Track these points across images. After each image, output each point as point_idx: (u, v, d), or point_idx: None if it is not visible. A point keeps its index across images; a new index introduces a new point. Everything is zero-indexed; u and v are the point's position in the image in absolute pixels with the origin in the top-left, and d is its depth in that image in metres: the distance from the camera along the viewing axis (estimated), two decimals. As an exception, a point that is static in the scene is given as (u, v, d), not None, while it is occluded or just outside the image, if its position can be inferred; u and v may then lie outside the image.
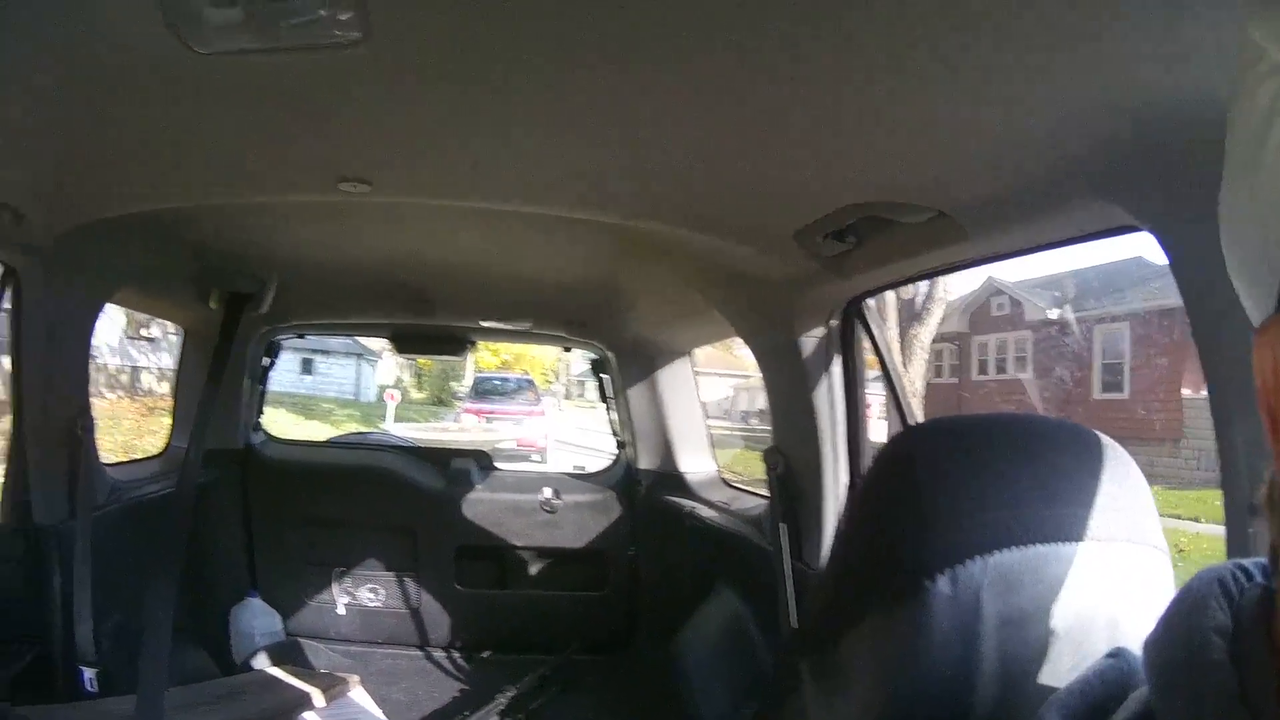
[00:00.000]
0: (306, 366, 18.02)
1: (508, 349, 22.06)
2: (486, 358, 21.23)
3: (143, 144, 1.47)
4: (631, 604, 3.44)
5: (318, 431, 15.33)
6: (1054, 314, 11.59)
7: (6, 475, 2.11)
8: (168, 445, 3.17)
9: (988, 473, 0.66)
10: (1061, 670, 0.62)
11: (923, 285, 8.59)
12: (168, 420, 3.21)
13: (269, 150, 1.50)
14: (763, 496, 2.41)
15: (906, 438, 0.80)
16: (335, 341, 17.41)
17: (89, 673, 2.06)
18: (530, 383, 17.87)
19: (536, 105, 1.21)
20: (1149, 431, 9.24)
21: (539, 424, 15.49)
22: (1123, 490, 0.65)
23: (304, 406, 16.46)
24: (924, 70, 0.95)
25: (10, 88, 1.20)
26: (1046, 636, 0.62)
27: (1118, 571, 0.64)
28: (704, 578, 2.75)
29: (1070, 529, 0.63)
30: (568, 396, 25.18)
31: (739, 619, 2.45)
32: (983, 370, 12.52)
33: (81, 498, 2.15)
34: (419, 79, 1.15)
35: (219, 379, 2.46)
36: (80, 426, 2.18)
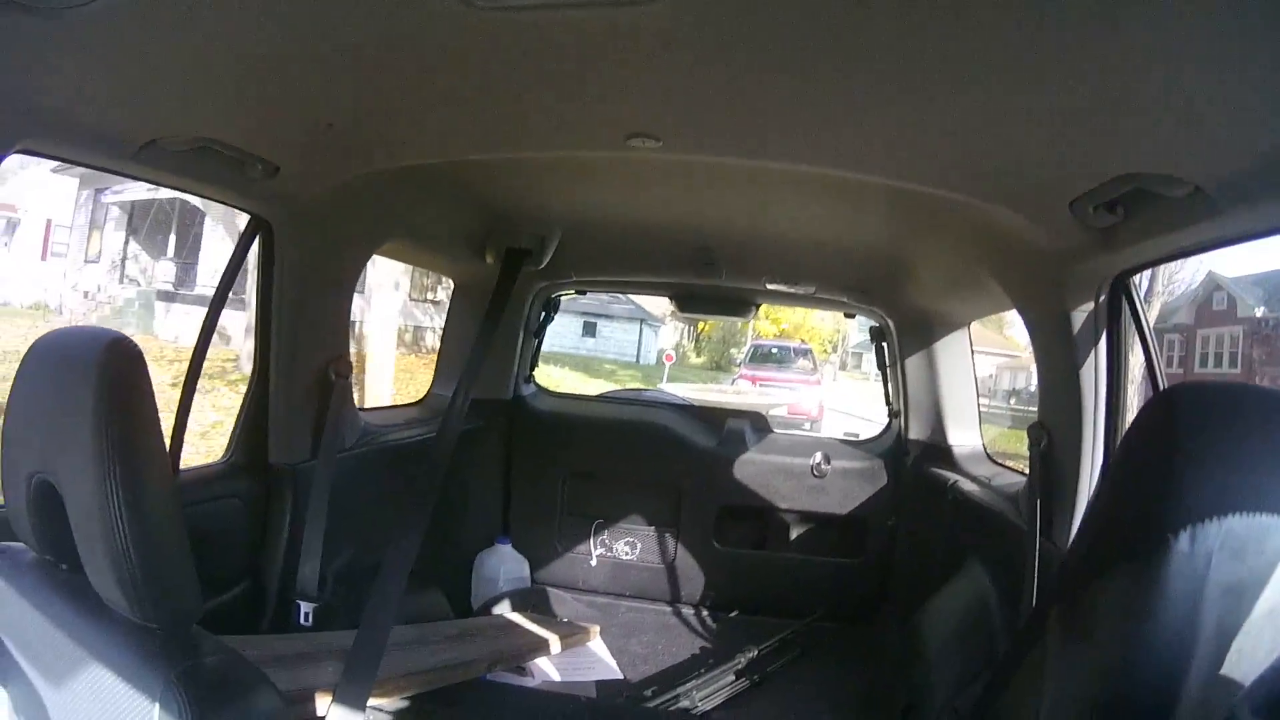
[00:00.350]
0: (589, 329, 18.80)
1: (788, 317, 22.09)
2: (765, 326, 21.39)
3: (422, 100, 1.48)
4: (884, 574, 3.31)
5: (598, 389, 16.34)
6: (1260, 311, 12.75)
7: (248, 416, 2.15)
8: (429, 393, 3.28)
9: (1233, 438, 0.70)
10: (1261, 650, 0.67)
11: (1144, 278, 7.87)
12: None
13: (556, 106, 1.49)
14: (1024, 474, 2.26)
15: (1164, 400, 0.81)
16: (618, 306, 18.39)
17: (306, 607, 2.11)
18: (808, 351, 17.69)
19: (829, 67, 1.20)
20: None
21: (814, 393, 15.19)
22: None
23: (586, 366, 17.51)
24: (1186, 51, 0.96)
25: (272, 49, 1.23)
26: (1257, 611, 0.66)
27: None
28: (957, 552, 2.59)
29: None
30: (843, 368, 24.91)
31: (983, 596, 2.30)
32: (1203, 363, 13.71)
33: (327, 440, 2.20)
34: (713, 38, 1.14)
35: (492, 333, 2.47)
36: (335, 371, 2.24)
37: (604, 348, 19.12)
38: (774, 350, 17.49)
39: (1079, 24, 0.97)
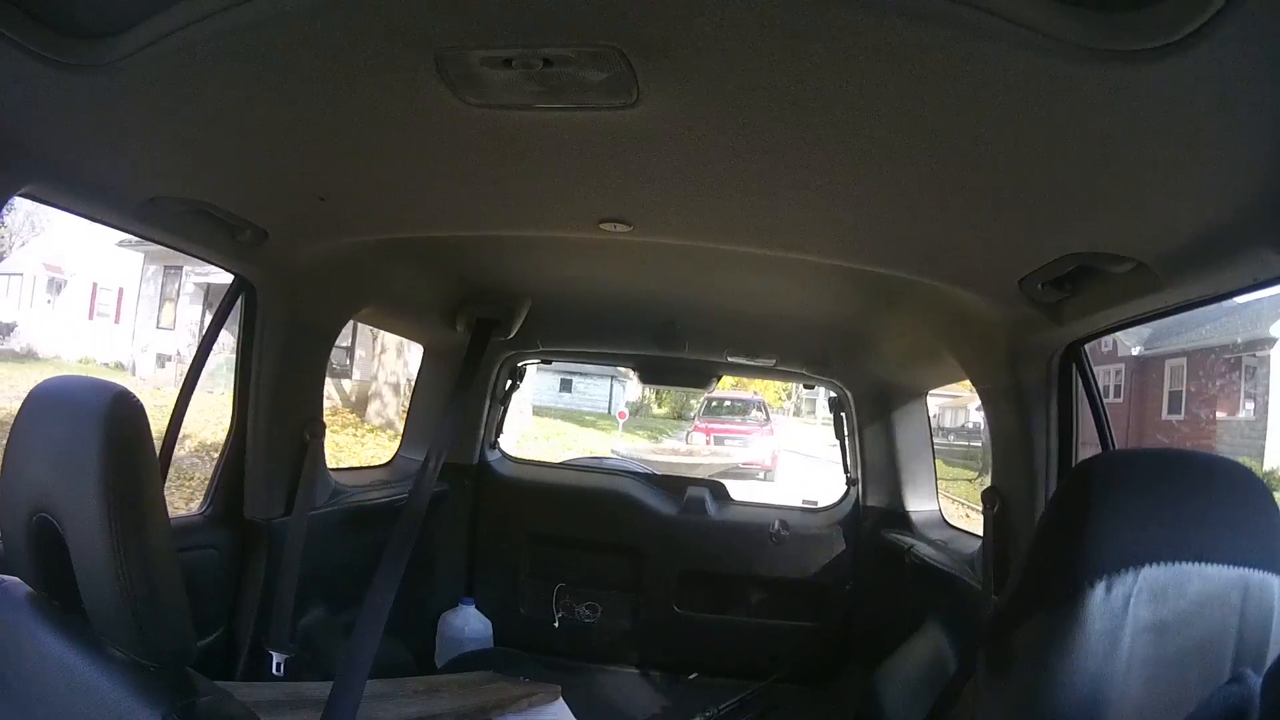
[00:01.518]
0: (566, 385, 20.24)
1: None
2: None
3: (408, 180, 1.51)
4: (843, 637, 3.27)
5: (584, 434, 17.80)
6: (1136, 350, 13.98)
7: (225, 469, 2.14)
8: (396, 455, 3.23)
9: (1149, 497, 0.77)
10: (1190, 684, 0.70)
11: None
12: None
13: (534, 192, 1.53)
14: (979, 537, 2.27)
15: (1087, 465, 0.88)
16: (591, 365, 17.87)
17: (278, 657, 2.09)
18: (761, 403, 17.83)
19: (787, 161, 1.24)
20: (1195, 445, 11.59)
21: (768, 442, 15.36)
22: (1261, 516, 0.75)
23: (569, 417, 19.10)
24: (1124, 136, 0.99)
25: (275, 119, 1.25)
26: (1181, 650, 0.70)
27: (1250, 596, 0.71)
28: (915, 613, 2.61)
29: (1213, 549, 0.72)
30: (797, 413, 25.74)
31: (941, 655, 2.34)
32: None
33: (301, 498, 2.20)
34: (683, 137, 1.18)
35: (463, 399, 2.45)
36: (309, 432, 2.25)
37: (579, 402, 20.41)
38: (728, 402, 17.66)
39: (1016, 122, 1.01)
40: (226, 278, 2.01)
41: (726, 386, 19.45)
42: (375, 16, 0.94)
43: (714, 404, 17.52)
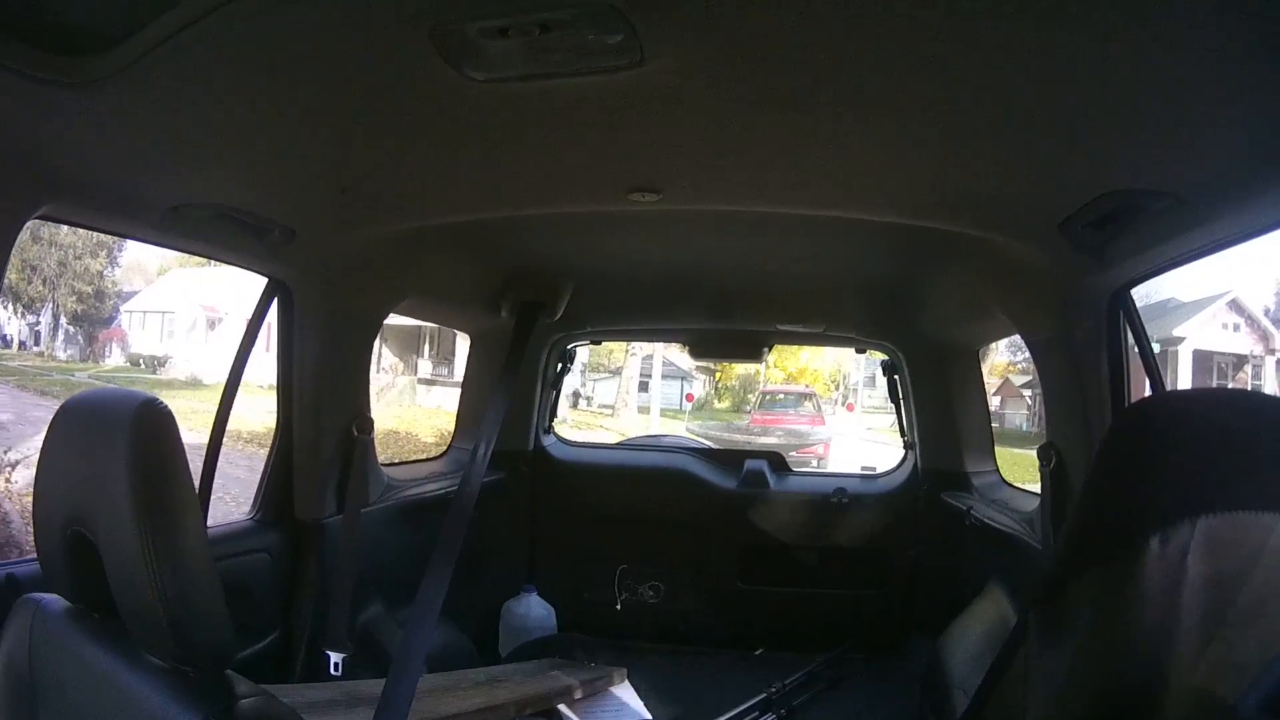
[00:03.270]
0: (644, 386, 22.06)
1: (793, 363, 22.28)
2: (773, 373, 21.65)
3: (427, 164, 1.45)
4: (907, 604, 3.07)
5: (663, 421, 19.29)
6: None
7: (272, 472, 2.07)
8: (450, 446, 3.09)
9: (1204, 442, 0.71)
10: (1250, 644, 0.65)
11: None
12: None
13: (556, 166, 1.46)
14: (1039, 495, 2.11)
15: (1139, 408, 0.88)
16: (664, 369, 21.12)
17: (335, 657, 2.01)
18: (811, 395, 17.91)
19: (816, 113, 1.16)
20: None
21: (820, 432, 15.36)
22: None
23: (643, 409, 20.44)
24: (1155, 65, 0.92)
25: (282, 112, 1.20)
26: (1240, 606, 0.65)
27: None
28: (978, 576, 2.47)
29: (1272, 499, 0.65)
30: (843, 401, 25.38)
31: (1005, 618, 2.19)
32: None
33: (352, 495, 2.10)
34: (703, 93, 1.11)
35: (511, 385, 2.34)
36: (357, 428, 2.14)
37: (654, 400, 22.24)
38: (781, 396, 17.80)
39: (1047, 52, 0.93)
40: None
41: (778, 382, 19.56)
42: None
43: (769, 398, 17.72)
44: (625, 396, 20.64)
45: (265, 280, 1.96)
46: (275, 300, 2.00)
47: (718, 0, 0.88)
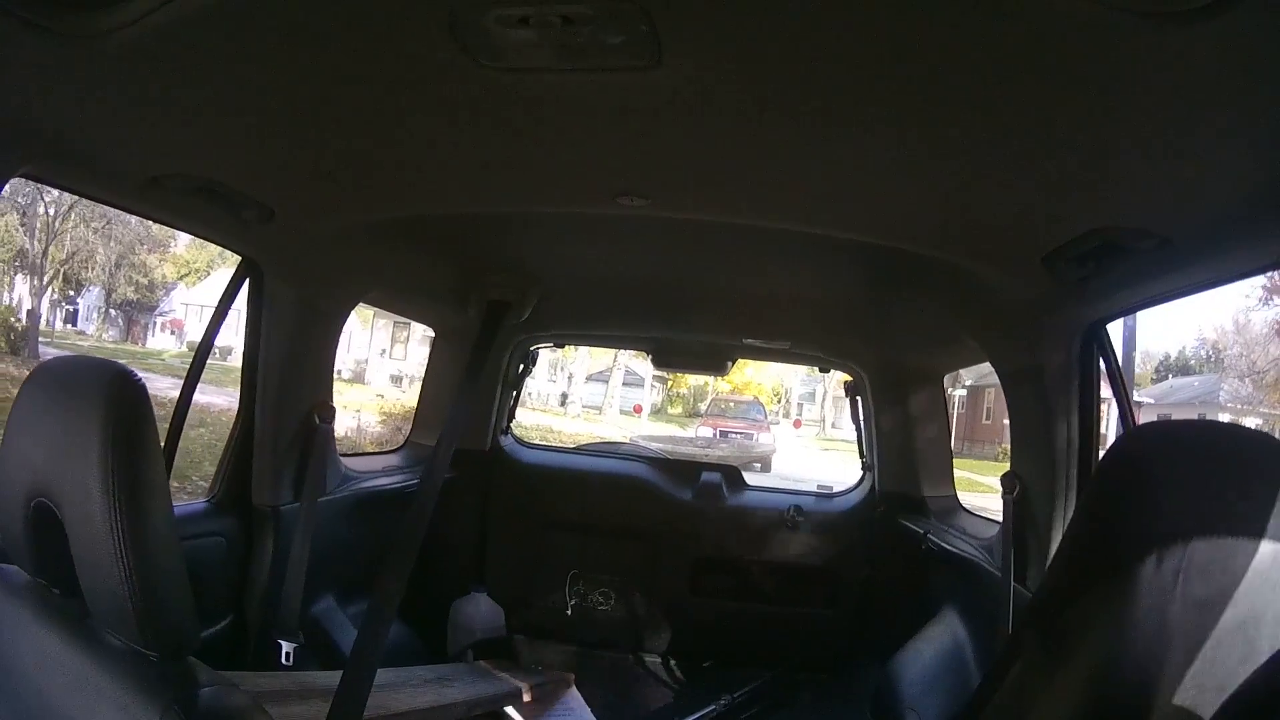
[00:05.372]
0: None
1: (739, 374, 22.82)
2: (720, 384, 22.27)
3: (420, 152, 1.35)
4: (860, 624, 2.92)
5: (613, 419, 20.13)
6: (969, 382, 15.59)
7: (232, 455, 1.93)
8: (408, 441, 2.90)
9: (1198, 470, 0.71)
10: (1231, 661, 0.66)
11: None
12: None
13: (552, 163, 1.36)
14: (998, 522, 2.05)
15: (1133, 439, 0.87)
16: (622, 375, 22.39)
17: (287, 646, 1.88)
18: (758, 404, 18.81)
19: (814, 132, 1.12)
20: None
21: (765, 436, 16.01)
22: None
23: (598, 412, 21.84)
24: (1152, 108, 0.90)
25: (282, 89, 1.10)
26: (1223, 627, 0.65)
27: None
28: (932, 599, 2.39)
29: (1255, 525, 0.67)
30: (786, 415, 26.53)
31: (958, 641, 2.14)
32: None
33: (310, 484, 1.97)
34: (705, 103, 1.06)
35: (475, 384, 2.20)
36: (318, 416, 2.01)
37: (613, 401, 23.13)
38: (731, 404, 18.45)
39: (1046, 86, 0.90)
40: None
41: (725, 393, 20.23)
42: None
43: (718, 405, 18.34)
44: (610, 400, 22.19)
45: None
46: (247, 280, 1.86)
47: (742, 8, 0.83)
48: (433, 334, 2.97)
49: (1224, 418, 14.52)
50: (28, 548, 1.01)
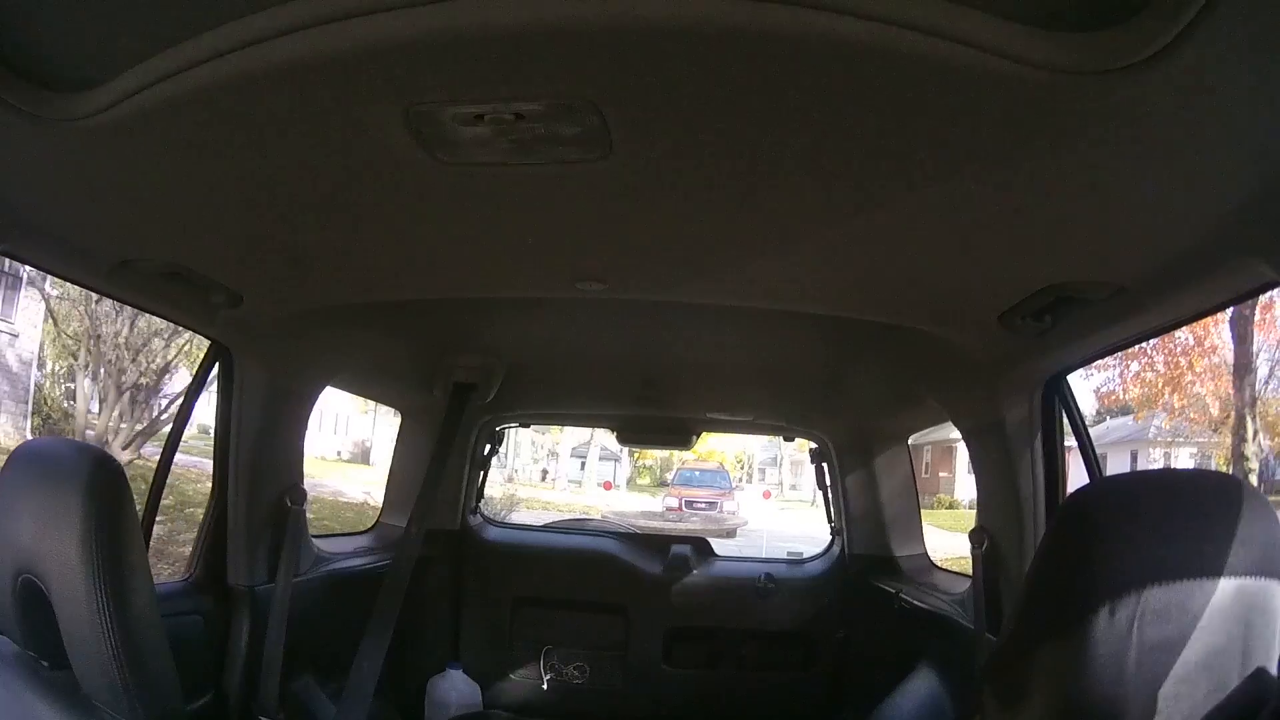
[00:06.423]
0: (581, 465, 24.91)
1: (702, 442, 23.16)
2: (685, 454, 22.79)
3: (382, 241, 1.35)
4: (835, 687, 2.86)
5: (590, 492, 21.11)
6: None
7: (207, 536, 1.91)
8: (378, 522, 2.85)
9: (1144, 520, 0.72)
10: (1201, 695, 0.67)
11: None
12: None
13: (510, 251, 1.37)
14: (969, 576, 2.04)
15: (1081, 495, 0.82)
16: (598, 451, 23.64)
17: None
18: (724, 473, 19.23)
19: (764, 211, 1.13)
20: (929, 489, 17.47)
21: (729, 503, 16.25)
22: (1253, 525, 0.69)
23: (579, 483, 23.24)
24: (1098, 163, 0.90)
25: (249, 178, 1.10)
26: (1190, 664, 0.66)
27: (1253, 605, 0.68)
28: (907, 657, 2.34)
29: (1211, 565, 0.68)
30: (749, 480, 27.21)
31: (935, 696, 2.11)
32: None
33: (284, 564, 1.94)
34: (656, 189, 1.06)
35: (443, 465, 2.19)
36: (290, 499, 1.98)
37: (590, 475, 24.74)
38: (697, 473, 18.63)
39: (995, 152, 0.90)
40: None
41: (691, 463, 20.49)
42: (349, 72, 0.82)
43: (684, 475, 18.59)
44: (589, 474, 23.75)
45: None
46: (217, 364, 1.85)
47: (689, 101, 0.84)
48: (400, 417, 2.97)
49: (1156, 451, 14.69)
50: (16, 622, 1.00)
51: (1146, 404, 12.27)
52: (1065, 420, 1.72)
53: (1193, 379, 11.45)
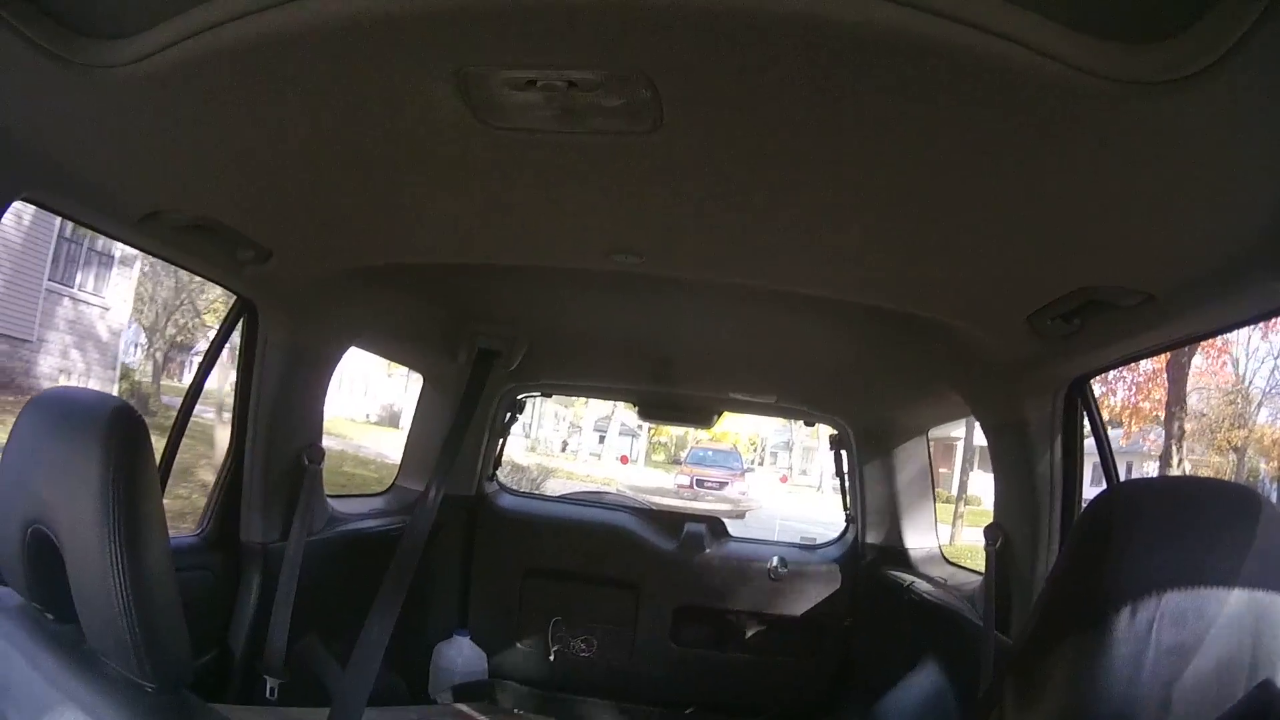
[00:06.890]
0: (601, 439, 25.35)
1: (717, 422, 23.31)
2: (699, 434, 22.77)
3: (419, 204, 1.33)
4: (840, 674, 2.84)
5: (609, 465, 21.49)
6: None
7: (222, 492, 1.89)
8: (394, 484, 2.82)
9: (1169, 525, 0.73)
10: (1207, 703, 0.67)
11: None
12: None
13: (549, 220, 1.36)
14: (980, 573, 2.04)
15: (1107, 498, 0.83)
16: (617, 425, 23.99)
17: (272, 682, 1.82)
18: (736, 454, 19.25)
19: (807, 195, 1.12)
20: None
21: (739, 485, 16.30)
22: (1272, 540, 0.70)
23: (599, 455, 23.74)
24: (1135, 170, 0.89)
25: (289, 134, 1.08)
26: (1199, 671, 0.67)
27: (1263, 618, 0.68)
28: (914, 650, 2.33)
29: (1229, 574, 0.69)
30: (760, 464, 27.33)
31: (940, 691, 2.10)
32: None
33: (298, 522, 1.92)
34: (702, 165, 1.06)
35: (464, 431, 2.18)
36: (308, 457, 1.96)
37: (608, 449, 25.17)
38: (709, 452, 18.62)
39: (1032, 153, 0.90)
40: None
41: (705, 443, 20.59)
42: (400, 32, 0.80)
43: (697, 455, 18.66)
44: (609, 447, 24.21)
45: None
46: (242, 319, 1.81)
47: (742, 81, 0.83)
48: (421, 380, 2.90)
49: (1151, 462, 14.66)
50: (23, 573, 0.99)
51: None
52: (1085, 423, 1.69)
53: (1150, 407, 12.06)
